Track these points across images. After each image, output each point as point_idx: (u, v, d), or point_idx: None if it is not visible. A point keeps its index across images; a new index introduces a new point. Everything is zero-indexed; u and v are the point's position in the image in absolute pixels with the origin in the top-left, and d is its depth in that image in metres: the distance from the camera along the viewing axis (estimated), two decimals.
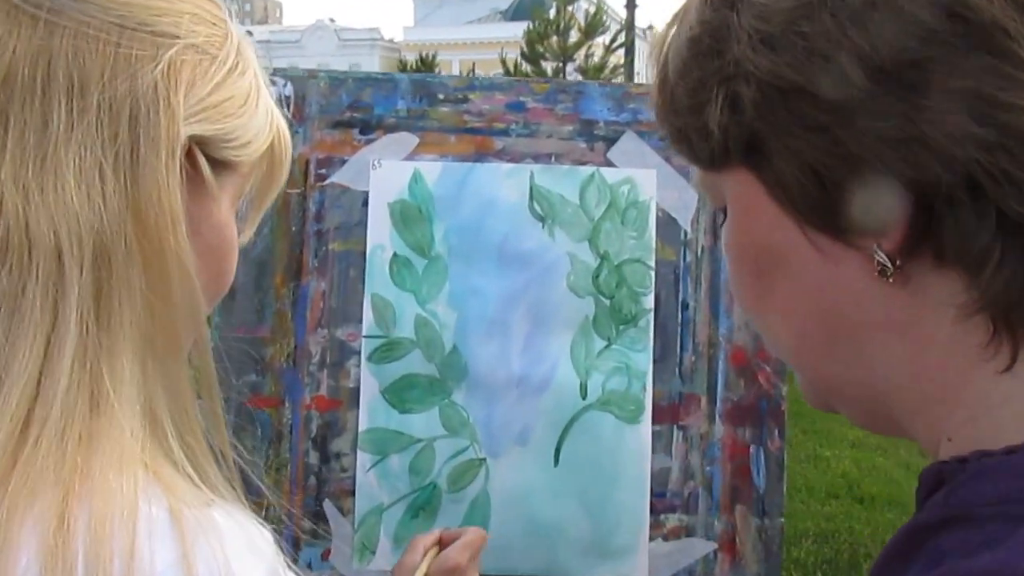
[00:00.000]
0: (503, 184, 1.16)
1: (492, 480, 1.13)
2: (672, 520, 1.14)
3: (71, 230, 0.48)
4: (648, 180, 1.17)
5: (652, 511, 1.14)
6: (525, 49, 12.17)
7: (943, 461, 0.45)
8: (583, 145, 1.18)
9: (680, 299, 1.16)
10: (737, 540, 1.14)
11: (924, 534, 0.43)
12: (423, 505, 1.12)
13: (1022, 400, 0.43)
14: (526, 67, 12.43)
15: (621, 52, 13.98)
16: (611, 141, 1.18)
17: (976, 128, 0.40)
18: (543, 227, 1.16)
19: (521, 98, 1.18)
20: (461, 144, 1.17)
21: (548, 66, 11.94)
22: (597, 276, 1.15)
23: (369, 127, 1.16)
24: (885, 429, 0.53)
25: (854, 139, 0.42)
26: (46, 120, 0.48)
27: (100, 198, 0.49)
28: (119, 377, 0.48)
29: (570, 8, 11.97)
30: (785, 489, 1.15)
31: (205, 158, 0.55)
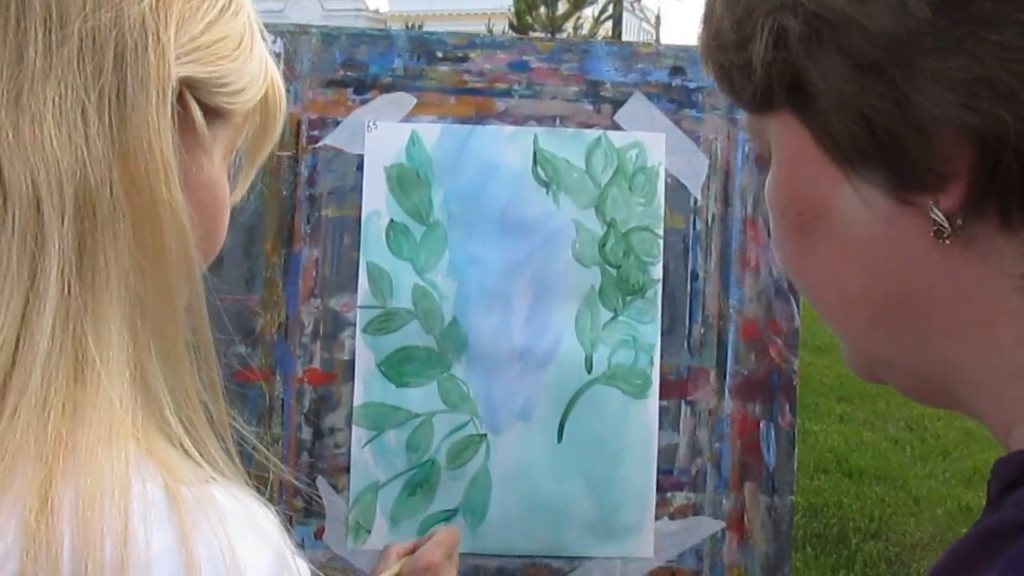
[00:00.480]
0: (505, 148, 1.11)
1: (493, 457, 1.08)
2: (679, 498, 1.10)
3: (51, 176, 0.43)
4: (657, 144, 1.12)
5: (659, 489, 1.10)
6: (513, 20, 12.03)
7: (1019, 452, 0.40)
8: (589, 107, 1.12)
9: (689, 269, 1.12)
10: (746, 518, 1.10)
11: (1002, 538, 0.39)
12: (421, 482, 1.08)
13: None
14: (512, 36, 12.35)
15: (610, 24, 13.84)
16: (618, 103, 1.12)
17: None
18: (547, 193, 1.11)
19: (524, 57, 1.12)
20: (461, 105, 1.11)
21: (537, 36, 11.84)
22: (603, 245, 1.10)
23: (364, 86, 1.10)
24: (942, 403, 0.48)
25: (912, 79, 0.38)
26: (21, 53, 0.44)
27: (83, 141, 0.44)
28: (106, 342, 0.44)
29: None
30: (796, 467, 1.11)
31: (197, 104, 0.50)
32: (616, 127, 1.12)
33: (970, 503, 4.04)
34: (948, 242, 0.40)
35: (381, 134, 1.10)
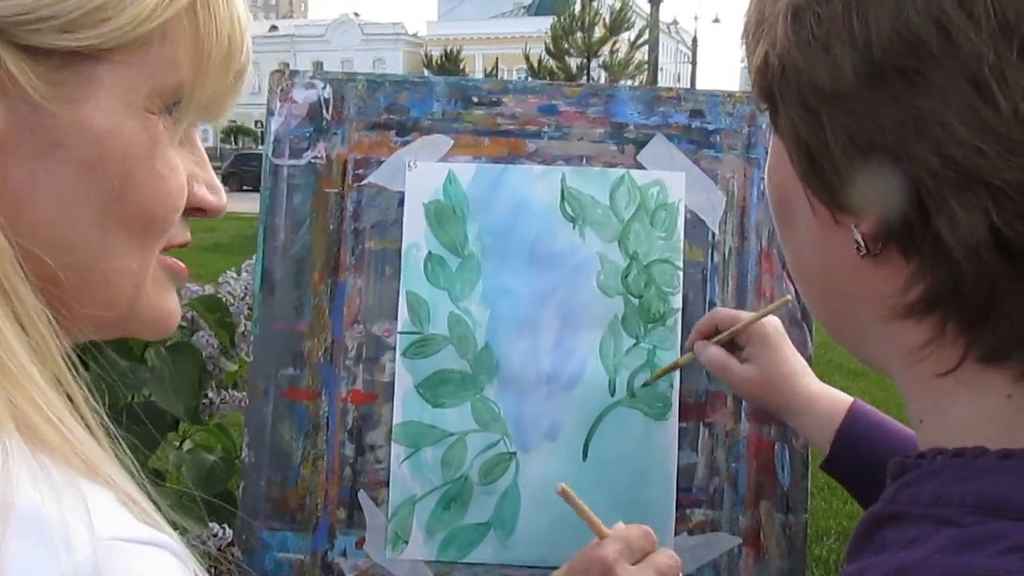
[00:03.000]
0: (535, 185, 1.19)
1: (522, 473, 1.16)
2: (698, 515, 1.17)
3: None
4: (677, 182, 1.20)
5: (678, 506, 1.16)
6: (550, 45, 12.16)
7: (907, 455, 0.48)
8: (613, 147, 1.20)
9: (707, 299, 1.19)
10: (762, 535, 1.16)
11: (876, 524, 0.46)
12: (455, 497, 1.16)
13: (983, 400, 0.45)
14: (550, 63, 12.42)
15: (646, 48, 13.92)
16: (641, 144, 1.20)
17: (928, 154, 0.41)
18: (574, 227, 1.19)
19: (553, 101, 1.21)
20: (494, 146, 1.20)
21: (572, 62, 11.93)
22: (626, 276, 1.18)
23: (405, 129, 1.20)
24: (878, 369, 0.55)
25: (833, 129, 0.45)
26: None
27: None
28: None
29: (595, 4, 11.94)
30: (809, 487, 1.17)
31: (15, 49, 0.42)
32: (639, 166, 1.20)
33: None
34: (865, 259, 0.47)
35: (420, 173, 1.19)
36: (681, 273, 1.18)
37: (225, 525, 1.35)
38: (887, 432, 0.92)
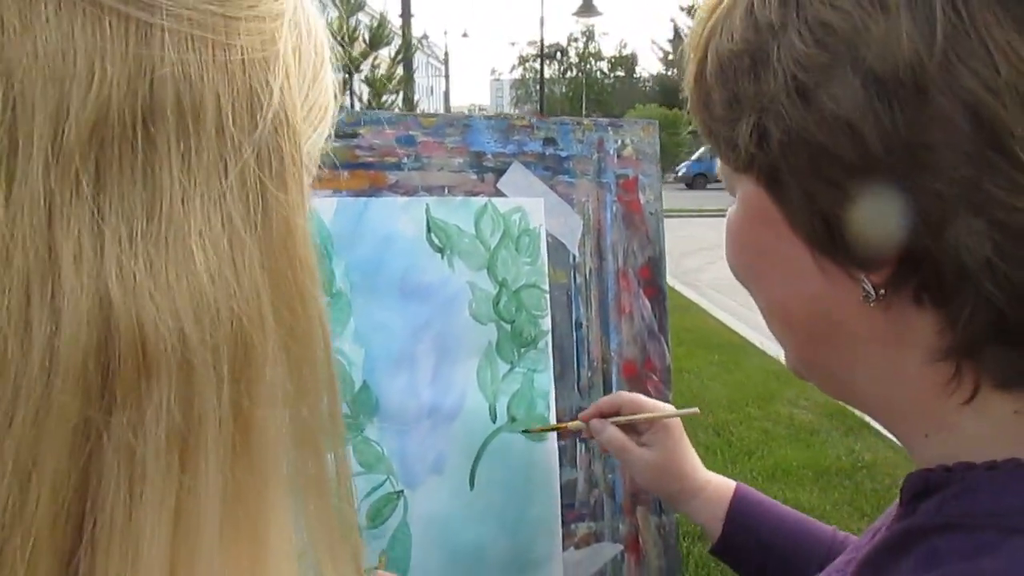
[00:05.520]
0: (400, 218, 1.18)
1: (411, 511, 1.14)
2: (582, 528, 1.21)
3: (203, 328, 0.32)
4: (536, 208, 1.23)
5: (563, 522, 1.20)
6: None
7: (929, 469, 0.52)
8: (473, 176, 1.22)
9: (574, 319, 1.23)
10: (640, 539, 1.23)
11: (919, 536, 0.49)
12: None
13: (989, 418, 0.50)
14: None
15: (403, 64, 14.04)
16: (499, 172, 1.23)
17: (968, 216, 0.44)
18: (442, 258, 1.19)
19: (411, 132, 1.20)
20: (354, 179, 1.17)
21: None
22: (497, 303, 1.20)
23: None
24: (853, 405, 0.59)
25: (862, 200, 0.47)
26: (155, 170, 0.33)
27: (232, 271, 0.34)
28: (276, 534, 0.36)
29: (352, 20, 11.87)
30: None
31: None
32: (499, 194, 1.22)
33: (776, 497, 4.46)
34: (872, 305, 0.50)
35: None
36: (548, 296, 1.22)
37: None
38: (769, 509, 0.99)
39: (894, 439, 0.58)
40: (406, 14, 16.26)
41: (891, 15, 0.44)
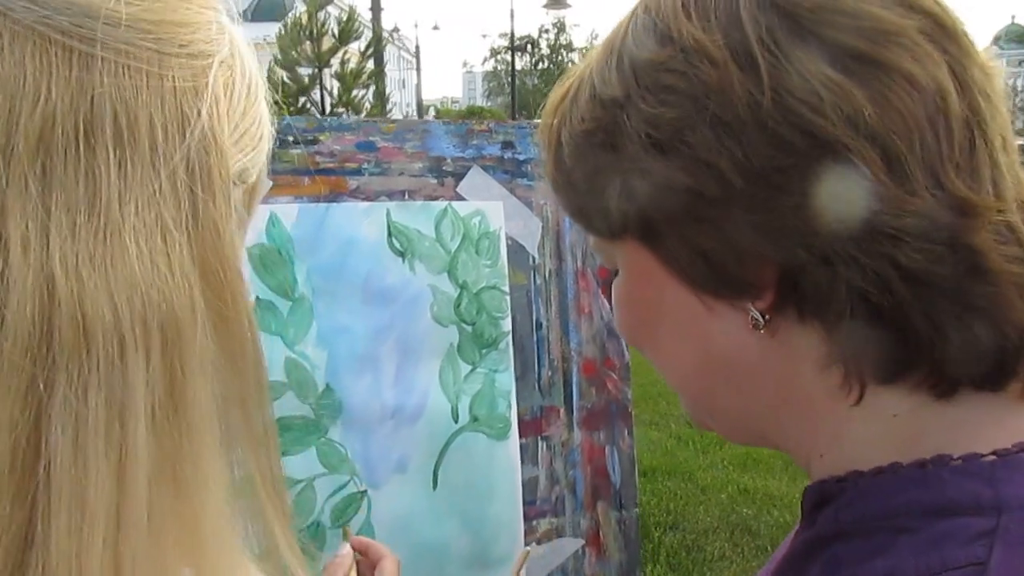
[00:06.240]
0: (361, 222, 1.20)
1: (375, 511, 1.16)
2: (544, 524, 1.23)
3: (134, 310, 0.38)
4: (496, 211, 1.25)
5: (525, 518, 1.22)
6: (279, 55, 11.83)
7: (823, 480, 0.54)
8: (433, 181, 1.24)
9: (534, 320, 1.26)
10: (601, 534, 1.26)
11: (819, 545, 0.52)
12: (308, 544, 1.13)
13: (874, 424, 0.53)
14: (281, 73, 12.12)
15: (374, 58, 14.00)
16: (459, 176, 1.25)
17: (833, 223, 0.48)
18: (403, 262, 1.21)
19: (370, 138, 1.22)
20: (315, 185, 1.19)
21: (304, 72, 11.69)
22: (458, 305, 1.22)
23: None
24: (756, 443, 0.62)
25: (734, 229, 0.51)
26: (95, 175, 0.39)
27: (166, 263, 0.40)
28: (205, 486, 0.41)
29: (320, 13, 11.78)
30: (637, 483, 1.28)
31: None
32: (459, 198, 1.24)
33: (747, 486, 4.53)
34: (762, 331, 0.53)
35: None
36: (508, 298, 1.24)
37: None
38: None
39: None
40: (376, 7, 16.19)
41: (720, 67, 0.50)
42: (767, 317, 0.53)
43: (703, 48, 0.51)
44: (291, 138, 1.18)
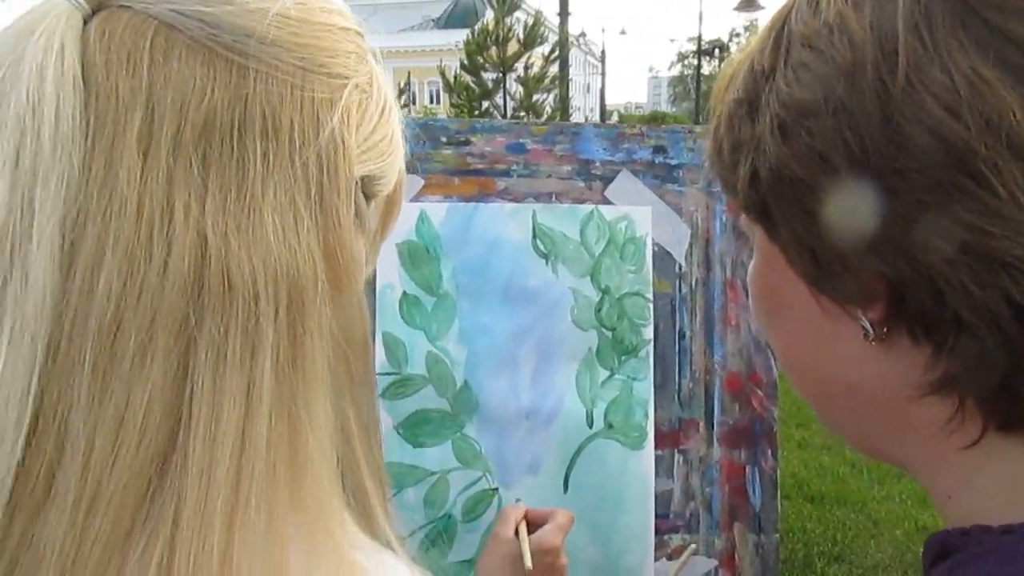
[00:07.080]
0: (507, 223, 1.21)
1: None
2: (675, 539, 1.20)
3: (268, 272, 0.47)
4: (643, 217, 1.23)
5: (656, 532, 1.19)
6: (465, 60, 12.23)
7: (947, 531, 0.49)
8: (581, 184, 1.23)
9: (677, 329, 1.23)
10: (736, 556, 1.20)
11: None
12: (439, 535, 1.16)
13: (1005, 473, 0.47)
14: (466, 77, 12.52)
15: (558, 62, 14.17)
16: (607, 180, 1.23)
17: (940, 241, 0.43)
18: (547, 264, 1.21)
19: (521, 140, 1.23)
20: (465, 185, 1.22)
21: (488, 77, 12.03)
22: (599, 310, 1.21)
23: None
24: (886, 460, 0.57)
25: (840, 227, 0.46)
26: (244, 162, 0.48)
27: (295, 239, 0.48)
28: (317, 424, 0.48)
29: (508, 19, 12.07)
30: (779, 508, 1.22)
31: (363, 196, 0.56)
32: (606, 202, 1.23)
33: (926, 524, 4.20)
34: (874, 344, 0.49)
35: None
36: (651, 305, 1.22)
37: None
38: None
39: None
40: (564, 12, 16.38)
41: (857, 49, 0.45)
42: (879, 329, 0.48)
43: (846, 24, 0.46)
44: (443, 139, 1.22)
